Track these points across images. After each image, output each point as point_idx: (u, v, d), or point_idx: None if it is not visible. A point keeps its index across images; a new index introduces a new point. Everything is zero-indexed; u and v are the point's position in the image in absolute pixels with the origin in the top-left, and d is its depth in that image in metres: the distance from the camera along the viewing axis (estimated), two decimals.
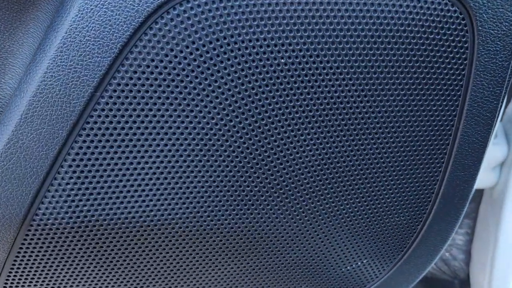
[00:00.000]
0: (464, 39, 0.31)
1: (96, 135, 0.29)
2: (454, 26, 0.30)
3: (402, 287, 0.42)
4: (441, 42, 0.30)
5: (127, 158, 0.30)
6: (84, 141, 0.29)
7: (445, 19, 0.30)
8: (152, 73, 0.28)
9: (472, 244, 0.73)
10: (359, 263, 0.38)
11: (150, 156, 0.30)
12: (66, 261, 0.33)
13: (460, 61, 0.31)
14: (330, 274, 0.39)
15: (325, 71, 0.30)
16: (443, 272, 0.77)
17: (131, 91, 0.28)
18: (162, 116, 0.29)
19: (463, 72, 0.31)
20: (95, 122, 0.28)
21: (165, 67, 0.28)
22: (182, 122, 0.29)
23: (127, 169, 0.30)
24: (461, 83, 0.32)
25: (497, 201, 0.62)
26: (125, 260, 0.34)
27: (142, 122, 0.29)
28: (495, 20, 0.30)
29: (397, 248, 0.38)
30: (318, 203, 0.34)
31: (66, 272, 0.34)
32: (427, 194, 0.36)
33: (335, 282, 0.39)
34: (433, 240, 0.38)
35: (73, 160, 0.29)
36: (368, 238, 0.37)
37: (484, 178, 0.61)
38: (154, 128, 0.29)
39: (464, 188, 0.36)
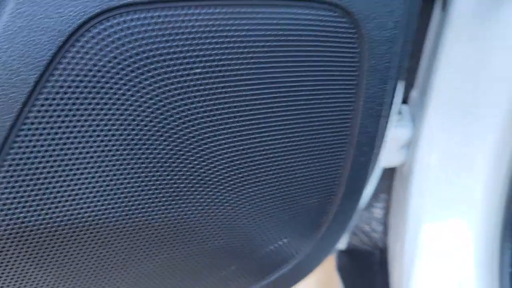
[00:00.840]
0: (355, 45, 0.36)
1: (27, 147, 0.31)
2: (345, 35, 0.35)
3: (320, 259, 0.48)
4: (335, 49, 0.35)
5: (59, 166, 0.32)
6: (17, 153, 0.31)
7: (336, 29, 0.35)
8: (77, 87, 0.31)
9: (388, 217, 0.80)
10: (280, 243, 0.43)
11: (81, 163, 0.33)
12: (6, 267, 0.35)
13: (352, 64, 0.36)
14: (256, 254, 0.43)
15: (236, 77, 0.34)
16: (365, 244, 0.85)
17: (58, 104, 0.31)
18: (90, 126, 0.32)
19: (355, 73, 0.37)
20: (26, 135, 0.31)
21: (90, 81, 0.31)
22: (108, 132, 0.32)
23: (60, 176, 0.33)
24: (354, 82, 0.37)
25: (405, 178, 0.70)
26: (63, 260, 0.36)
27: (71, 132, 0.32)
28: (378, 28, 0.35)
29: (312, 227, 0.44)
30: (239, 193, 0.38)
31: (5, 279, 0.36)
32: (333, 178, 0.41)
33: (261, 261, 0.44)
34: (342, 218, 0.44)
35: (7, 171, 0.31)
36: (286, 219, 0.42)
37: (393, 158, 0.68)
38: (83, 137, 0.32)
39: (364, 172, 0.41)
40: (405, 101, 0.71)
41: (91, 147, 0.33)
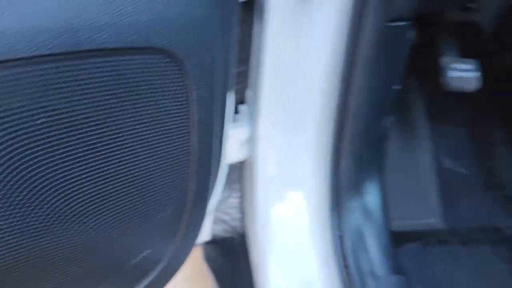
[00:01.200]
0: (181, 79, 0.42)
1: None
2: (172, 72, 0.42)
3: (183, 259, 0.54)
4: (166, 84, 0.42)
5: None
6: None
7: (164, 68, 0.41)
8: None
9: (243, 204, 0.90)
10: (144, 254, 0.49)
11: None
12: None
13: (181, 95, 0.43)
14: (122, 270, 0.48)
15: (80, 122, 0.38)
16: (227, 232, 0.94)
17: None
18: None
19: (185, 102, 0.43)
20: None
21: None
22: None
23: None
24: (185, 109, 0.44)
25: (249, 169, 0.80)
26: None
27: None
28: (198, 65, 0.43)
29: (170, 234, 0.50)
30: (98, 221, 0.43)
31: None
32: (182, 189, 0.48)
33: (127, 274, 0.49)
34: (195, 219, 0.51)
35: None
36: (145, 234, 0.47)
37: (236, 154, 0.77)
38: None
39: (207, 178, 0.49)
40: (243, 101, 0.80)
41: None
